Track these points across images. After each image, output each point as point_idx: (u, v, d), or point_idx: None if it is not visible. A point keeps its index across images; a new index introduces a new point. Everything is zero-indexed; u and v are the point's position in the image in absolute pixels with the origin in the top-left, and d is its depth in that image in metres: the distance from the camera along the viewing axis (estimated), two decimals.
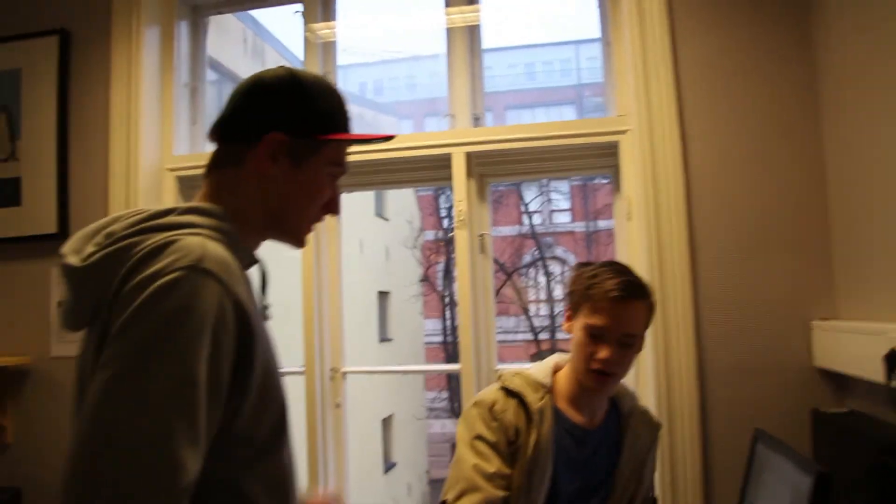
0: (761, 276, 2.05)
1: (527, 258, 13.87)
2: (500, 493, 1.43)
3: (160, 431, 0.81)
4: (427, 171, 2.45)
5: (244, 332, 0.93)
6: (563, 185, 14.76)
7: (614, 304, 1.45)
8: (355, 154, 2.22)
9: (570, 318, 1.55)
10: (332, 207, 1.15)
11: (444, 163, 2.39)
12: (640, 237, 2.17)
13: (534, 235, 13.97)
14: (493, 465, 1.45)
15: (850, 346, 1.82)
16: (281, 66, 1.11)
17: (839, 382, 1.99)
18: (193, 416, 0.83)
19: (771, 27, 2.11)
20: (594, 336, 1.47)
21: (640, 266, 2.14)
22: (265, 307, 1.14)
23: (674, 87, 2.13)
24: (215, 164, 1.10)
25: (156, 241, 0.92)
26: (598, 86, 2.48)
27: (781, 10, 2.10)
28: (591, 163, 2.39)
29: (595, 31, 2.47)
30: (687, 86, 2.14)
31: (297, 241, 1.14)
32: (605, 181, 13.14)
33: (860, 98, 1.85)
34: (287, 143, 1.06)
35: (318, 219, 1.15)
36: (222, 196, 1.07)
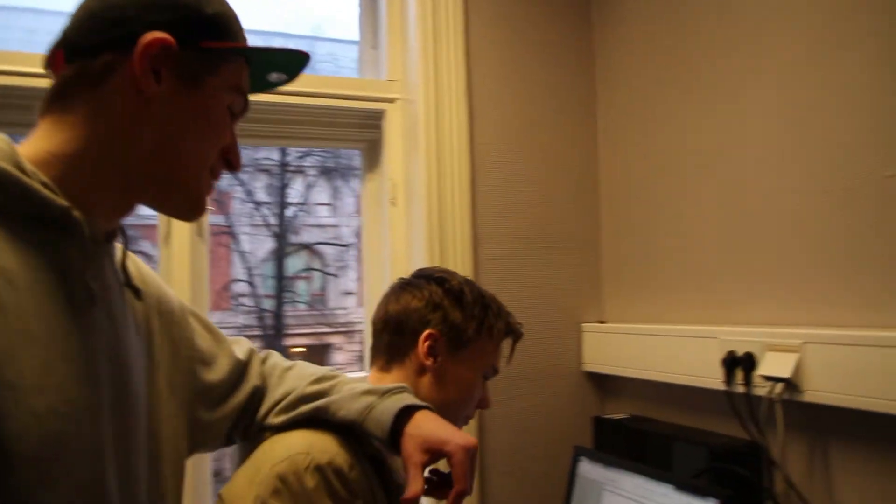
0: (538, 277, 1.91)
1: None
2: None
3: None
4: None
5: None
6: None
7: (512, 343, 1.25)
8: None
9: (449, 353, 1.15)
10: (233, 157, 0.83)
11: None
12: (412, 225, 1.85)
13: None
14: None
15: (624, 348, 1.80)
16: None
17: (607, 386, 1.96)
18: None
19: (556, 33, 2.00)
20: (486, 377, 1.21)
21: (415, 259, 1.82)
22: (88, 289, 0.71)
23: (464, 59, 1.86)
24: (58, 94, 0.73)
25: None
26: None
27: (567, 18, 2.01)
28: (342, 133, 1.97)
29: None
30: (476, 59, 1.90)
31: (196, 201, 0.81)
32: None
33: (631, 110, 1.85)
34: (174, 51, 0.74)
35: (217, 172, 0.82)
36: (60, 135, 0.72)
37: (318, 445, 0.95)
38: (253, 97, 1.62)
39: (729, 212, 1.57)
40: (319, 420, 0.99)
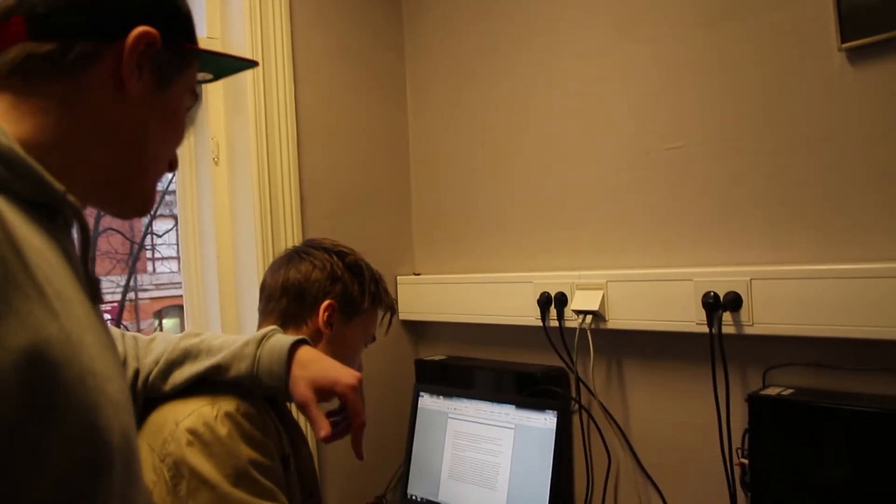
0: (359, 233, 2.03)
1: None
2: None
3: None
4: None
5: None
6: None
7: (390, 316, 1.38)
8: None
9: (343, 321, 1.25)
10: (174, 158, 0.81)
11: None
12: (237, 184, 1.87)
13: None
14: None
15: (439, 296, 2.02)
16: None
17: (422, 331, 2.16)
18: None
19: (371, 6, 2.11)
20: (365, 345, 1.33)
21: (242, 218, 1.85)
22: (93, 282, 0.67)
23: (289, 23, 1.89)
24: (18, 70, 0.66)
25: None
26: None
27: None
28: None
29: None
30: (299, 23, 1.93)
31: (147, 202, 0.77)
32: None
33: (437, 78, 2.05)
34: (157, 49, 0.71)
35: (163, 174, 0.81)
36: (27, 120, 0.65)
37: (220, 397, 0.99)
38: None
39: (536, 174, 1.84)
40: (208, 383, 1.02)
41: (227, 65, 0.92)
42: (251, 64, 0.95)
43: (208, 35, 1.87)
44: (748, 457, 1.38)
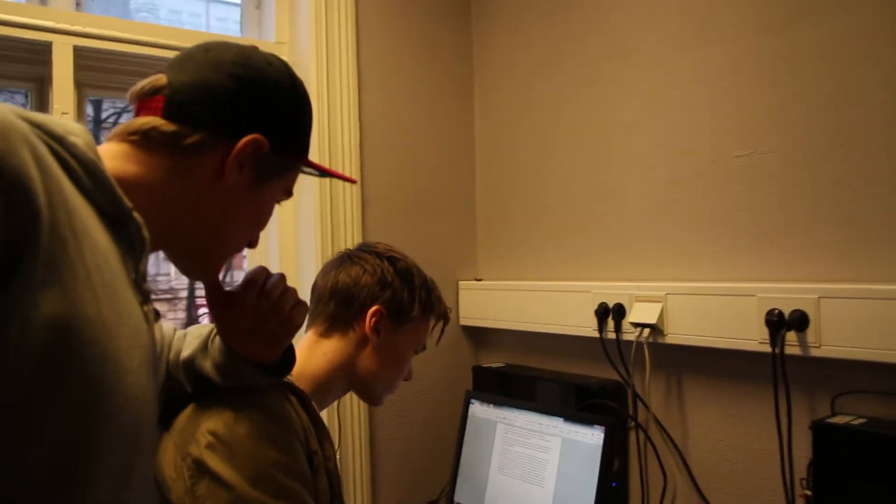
0: (420, 237, 2.03)
1: None
2: None
3: None
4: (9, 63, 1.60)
5: (17, 229, 0.53)
6: None
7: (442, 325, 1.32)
8: None
9: (391, 328, 1.21)
10: (256, 239, 0.91)
11: (38, 56, 1.60)
12: (300, 189, 1.88)
13: None
14: None
15: (499, 303, 1.99)
16: (276, 56, 0.87)
17: (482, 338, 2.14)
18: None
19: (439, 11, 2.10)
20: (415, 352, 1.28)
21: (305, 221, 1.88)
22: (142, 286, 0.74)
23: (354, 27, 1.91)
24: (143, 134, 0.77)
25: None
26: None
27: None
28: None
29: None
30: (365, 29, 1.95)
31: (214, 271, 0.89)
32: None
33: (504, 84, 2.02)
34: (263, 153, 0.81)
35: (239, 251, 0.91)
36: (131, 167, 0.75)
37: (244, 397, 0.98)
38: (139, 49, 1.66)
39: (599, 181, 1.78)
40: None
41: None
42: (350, 181, 1.07)
43: (277, 40, 1.92)
44: (812, 489, 1.28)
